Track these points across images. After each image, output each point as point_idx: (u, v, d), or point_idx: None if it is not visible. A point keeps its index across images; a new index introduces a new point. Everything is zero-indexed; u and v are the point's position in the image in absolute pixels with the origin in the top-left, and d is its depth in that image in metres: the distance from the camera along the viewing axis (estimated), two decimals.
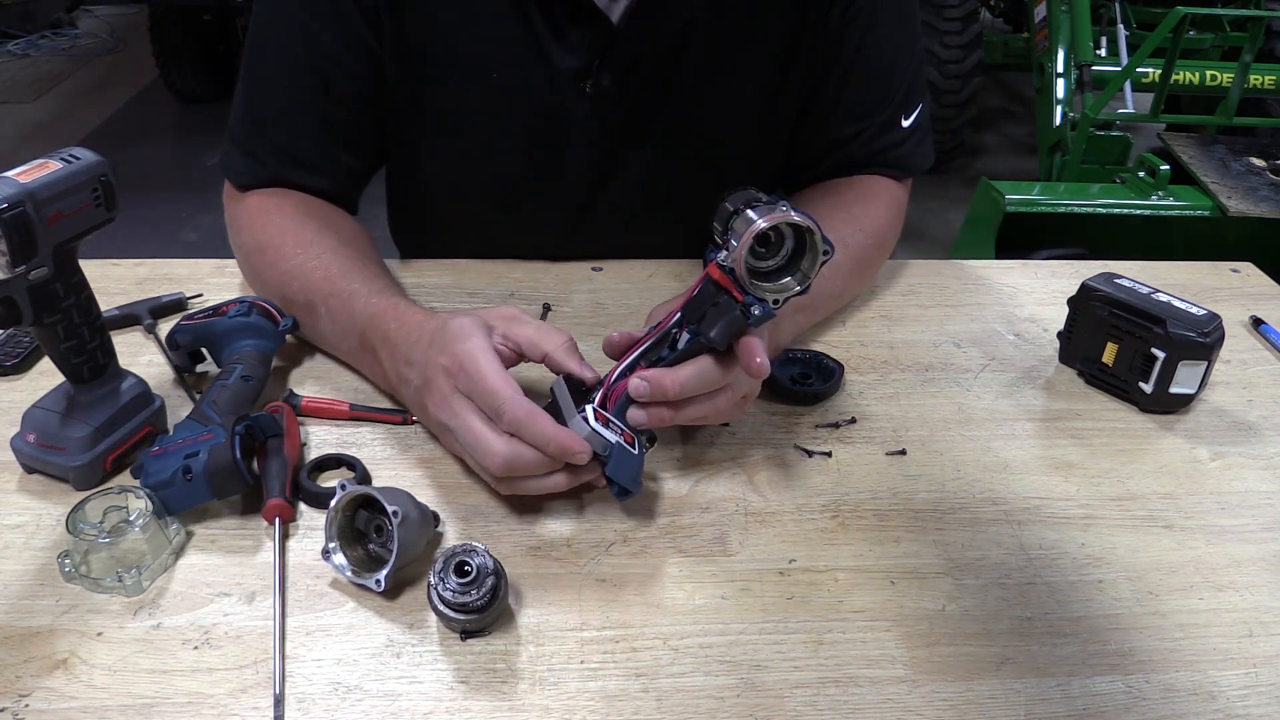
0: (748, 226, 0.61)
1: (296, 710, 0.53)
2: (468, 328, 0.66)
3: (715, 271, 0.65)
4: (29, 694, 0.53)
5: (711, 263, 0.66)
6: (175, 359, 0.79)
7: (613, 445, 0.64)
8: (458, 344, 0.65)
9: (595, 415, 0.65)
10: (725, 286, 0.65)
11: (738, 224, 0.63)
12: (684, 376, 0.64)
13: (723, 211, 0.65)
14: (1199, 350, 0.78)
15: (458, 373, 0.65)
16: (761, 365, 0.64)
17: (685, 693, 0.55)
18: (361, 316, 0.76)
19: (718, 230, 0.65)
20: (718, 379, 0.65)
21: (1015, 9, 4.55)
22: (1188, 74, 2.92)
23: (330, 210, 0.89)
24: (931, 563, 0.65)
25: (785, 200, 0.64)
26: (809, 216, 0.62)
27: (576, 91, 0.89)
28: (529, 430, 0.62)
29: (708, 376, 0.65)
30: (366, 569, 0.60)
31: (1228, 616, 0.62)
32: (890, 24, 0.92)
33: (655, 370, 0.65)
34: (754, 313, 0.64)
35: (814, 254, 0.64)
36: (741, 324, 0.64)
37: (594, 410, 0.65)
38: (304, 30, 0.85)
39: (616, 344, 0.70)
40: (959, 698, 0.56)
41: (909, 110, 0.96)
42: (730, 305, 0.64)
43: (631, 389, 0.64)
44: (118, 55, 5.28)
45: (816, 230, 0.62)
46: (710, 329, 0.64)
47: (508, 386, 0.63)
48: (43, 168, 0.61)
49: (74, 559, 0.59)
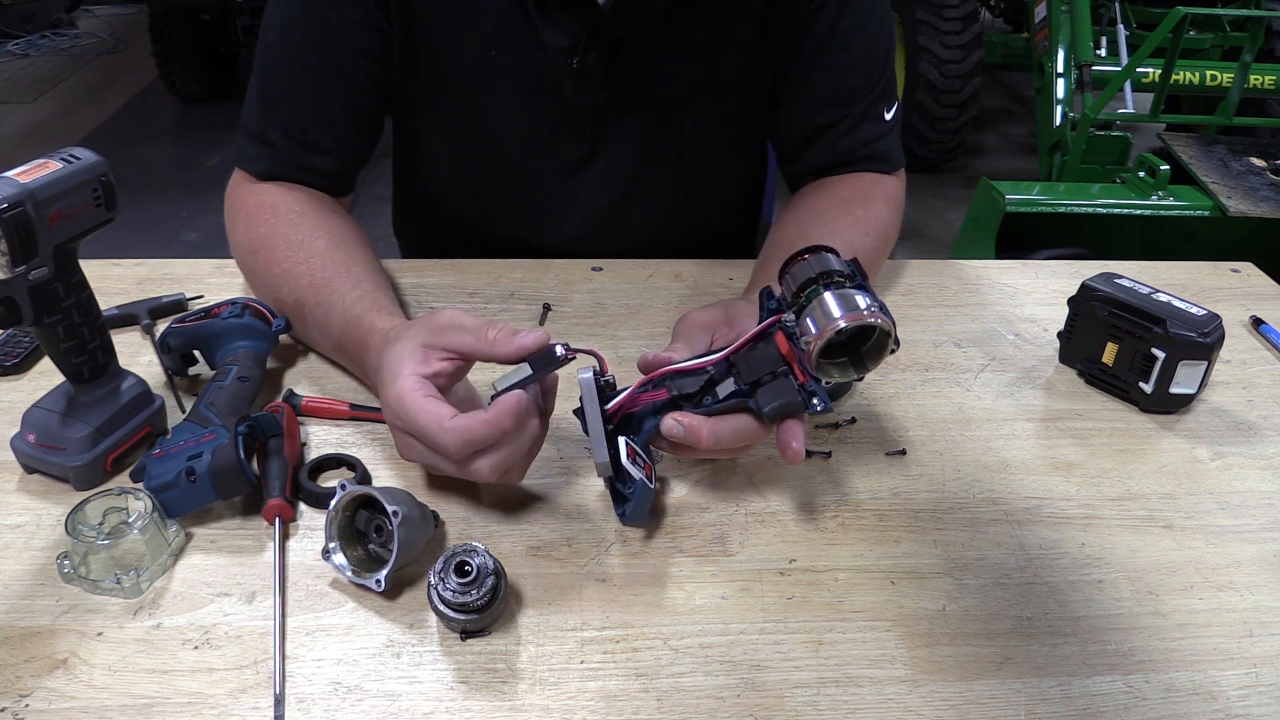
0: (829, 321, 0.59)
1: (296, 710, 0.53)
2: (397, 363, 0.64)
3: (784, 343, 0.63)
4: (29, 694, 0.53)
5: (780, 330, 0.63)
6: (168, 362, 0.78)
7: (637, 483, 0.63)
8: (389, 388, 0.64)
9: (628, 451, 0.63)
10: (789, 360, 0.63)
11: (817, 306, 0.60)
12: (721, 433, 0.63)
13: (799, 272, 0.62)
14: (1199, 350, 0.78)
15: (395, 418, 0.64)
16: (798, 453, 0.62)
17: (685, 693, 0.55)
18: (338, 327, 0.77)
19: (789, 286, 0.63)
20: (751, 441, 0.64)
21: (1015, 9, 4.55)
22: (1188, 74, 2.92)
23: (326, 208, 0.89)
24: (931, 563, 0.65)
25: (860, 274, 0.62)
26: (888, 315, 0.60)
27: (565, 68, 0.92)
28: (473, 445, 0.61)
29: (743, 438, 0.63)
30: (366, 569, 0.60)
31: (1228, 616, 0.62)
32: (863, 14, 0.93)
33: (694, 418, 0.63)
34: (815, 405, 0.62)
35: (882, 349, 0.62)
36: (799, 410, 0.62)
37: (627, 444, 0.63)
38: (317, 14, 0.87)
39: (650, 363, 0.66)
40: (959, 698, 0.56)
41: (889, 103, 0.98)
42: (792, 385, 0.62)
43: (664, 428, 0.63)
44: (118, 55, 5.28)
45: (893, 331, 0.61)
46: (766, 403, 0.62)
47: (435, 423, 0.61)
48: (43, 168, 0.61)
49: (73, 560, 0.59)
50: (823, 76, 0.95)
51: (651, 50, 0.92)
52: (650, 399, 0.65)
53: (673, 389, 0.64)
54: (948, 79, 3.54)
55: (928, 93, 3.57)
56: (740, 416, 0.64)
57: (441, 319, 0.66)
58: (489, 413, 0.60)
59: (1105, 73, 2.87)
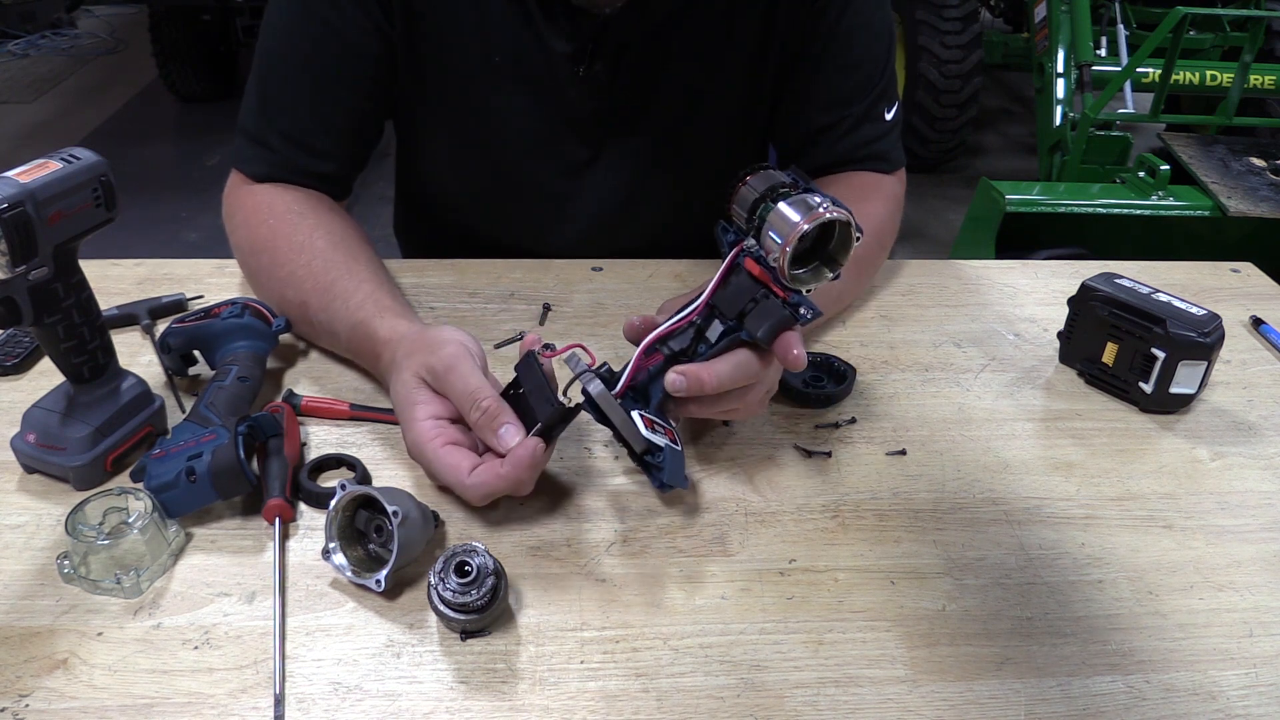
0: (790, 228, 0.60)
1: (296, 710, 0.53)
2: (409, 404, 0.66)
3: (753, 266, 0.64)
4: (29, 694, 0.53)
5: (747, 257, 0.64)
6: (168, 362, 0.78)
7: (664, 450, 0.63)
8: (406, 428, 0.66)
9: (644, 420, 0.63)
10: (764, 282, 0.63)
11: (774, 220, 0.61)
12: (722, 371, 0.64)
13: (746, 195, 0.63)
14: (1199, 350, 0.78)
15: (416, 459, 0.66)
16: (799, 357, 0.64)
17: (685, 693, 0.55)
18: (345, 332, 0.78)
19: (739, 214, 0.64)
20: (755, 374, 0.66)
21: (1015, 9, 4.55)
22: (1188, 74, 2.92)
23: (324, 207, 0.89)
24: (931, 563, 0.65)
25: (803, 179, 0.63)
26: (843, 207, 0.61)
27: (571, 75, 0.91)
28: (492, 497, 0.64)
29: (746, 371, 0.65)
30: (366, 569, 0.60)
31: (1228, 616, 0.62)
32: (864, 15, 0.94)
33: (692, 366, 0.64)
34: (804, 315, 0.63)
35: (847, 242, 0.63)
36: (789, 324, 0.63)
37: (642, 416, 0.64)
38: (318, 15, 0.87)
39: (638, 328, 0.69)
40: (959, 698, 0.56)
41: (889, 103, 0.98)
42: (776, 305, 0.63)
43: (668, 384, 0.64)
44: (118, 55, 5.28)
45: (852, 220, 0.61)
46: (756, 328, 0.63)
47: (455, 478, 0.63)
48: (43, 168, 0.61)
49: (73, 560, 0.59)
50: (824, 78, 0.96)
51: (655, 56, 0.92)
52: (647, 366, 0.65)
53: (666, 351, 0.66)
54: (948, 79, 3.54)
55: (928, 93, 3.57)
56: (737, 352, 0.65)
57: (439, 365, 0.66)
58: (505, 467, 0.62)
59: (1105, 73, 2.87)
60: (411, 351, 0.68)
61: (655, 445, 0.64)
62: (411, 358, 0.68)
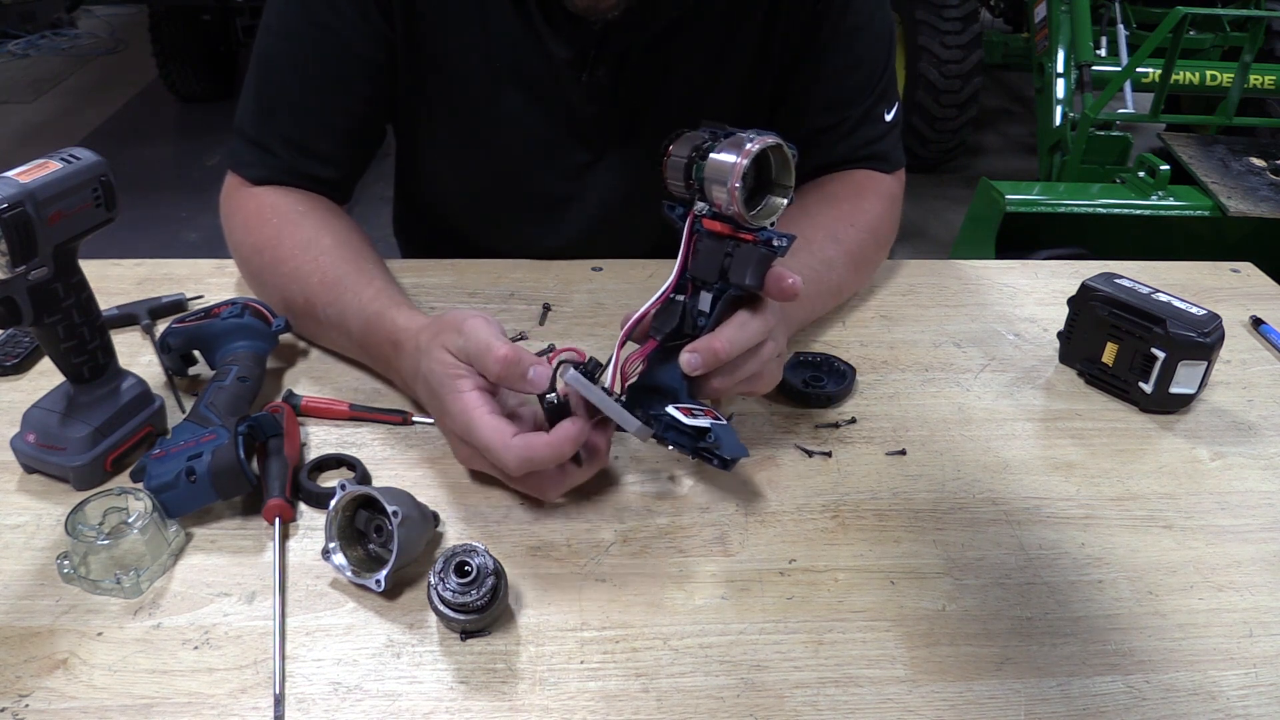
0: (729, 168, 0.60)
1: (296, 710, 0.53)
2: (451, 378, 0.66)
3: (712, 224, 0.64)
4: (29, 694, 0.53)
5: (704, 219, 0.65)
6: (168, 362, 0.78)
7: (713, 429, 0.64)
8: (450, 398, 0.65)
9: (683, 412, 0.64)
10: (729, 235, 0.64)
11: (711, 172, 0.62)
12: (730, 335, 0.65)
13: (676, 164, 0.64)
14: (1199, 350, 0.78)
15: (457, 429, 0.66)
16: (795, 284, 0.64)
17: (685, 693, 0.55)
18: (357, 325, 0.77)
19: (676, 185, 0.64)
20: (760, 326, 0.66)
21: (1015, 9, 4.55)
22: (1188, 74, 2.92)
23: (325, 208, 0.89)
24: (931, 563, 0.65)
25: (719, 128, 0.64)
26: (767, 134, 0.62)
27: (573, 81, 0.91)
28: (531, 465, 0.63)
29: (751, 327, 0.65)
30: (366, 569, 0.60)
31: (1228, 616, 0.62)
32: (864, 16, 0.94)
33: (702, 339, 0.65)
34: (782, 243, 0.63)
35: (785, 163, 0.64)
36: (772, 258, 0.64)
37: (678, 408, 0.64)
38: (319, 21, 0.87)
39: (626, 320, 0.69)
40: (959, 698, 0.56)
41: (889, 103, 0.98)
42: (750, 248, 0.64)
43: (684, 364, 0.64)
44: (118, 55, 5.29)
45: (781, 142, 0.63)
46: (741, 276, 0.63)
47: (499, 441, 0.63)
48: (43, 168, 0.61)
49: (73, 560, 0.59)
50: (824, 80, 0.96)
51: (657, 62, 0.92)
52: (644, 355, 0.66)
53: (658, 335, 0.66)
54: (948, 79, 3.54)
55: (928, 93, 3.57)
56: (737, 314, 0.66)
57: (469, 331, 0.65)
58: (552, 435, 0.62)
59: (1105, 73, 2.87)
60: (438, 332, 0.68)
61: (699, 428, 0.64)
62: (439, 337, 0.68)
